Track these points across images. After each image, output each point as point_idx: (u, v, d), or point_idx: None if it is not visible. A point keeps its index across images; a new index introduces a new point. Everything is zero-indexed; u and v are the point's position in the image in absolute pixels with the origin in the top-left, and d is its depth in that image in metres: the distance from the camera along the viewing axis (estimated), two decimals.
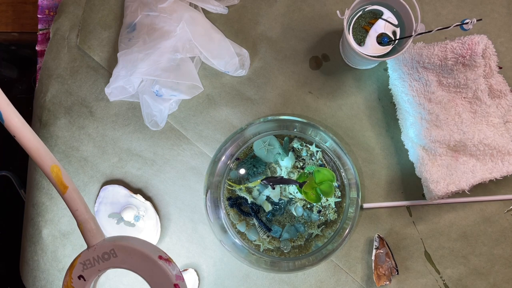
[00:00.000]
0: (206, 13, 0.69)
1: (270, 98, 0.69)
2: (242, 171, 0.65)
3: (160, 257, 0.35)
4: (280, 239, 0.64)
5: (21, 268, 0.72)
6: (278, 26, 0.69)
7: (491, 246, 0.67)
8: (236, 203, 0.65)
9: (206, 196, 0.64)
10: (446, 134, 0.63)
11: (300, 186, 0.61)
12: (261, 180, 0.62)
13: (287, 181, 0.62)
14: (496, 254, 0.67)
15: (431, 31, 0.56)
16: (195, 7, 0.68)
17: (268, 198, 0.64)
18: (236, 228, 0.65)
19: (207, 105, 0.70)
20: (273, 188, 0.63)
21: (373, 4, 0.61)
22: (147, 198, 0.70)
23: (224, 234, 0.64)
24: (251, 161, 0.65)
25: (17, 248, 0.74)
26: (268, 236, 0.64)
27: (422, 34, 0.57)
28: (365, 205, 0.67)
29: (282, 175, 0.64)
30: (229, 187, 0.65)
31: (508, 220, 0.67)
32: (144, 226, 0.68)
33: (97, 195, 0.70)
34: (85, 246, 0.36)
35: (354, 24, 0.61)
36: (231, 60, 0.66)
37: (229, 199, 0.65)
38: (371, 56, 0.59)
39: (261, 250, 0.64)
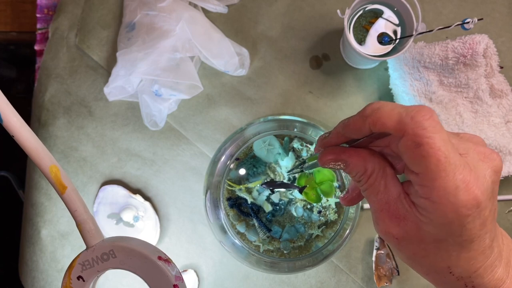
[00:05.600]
0: (205, 12, 0.69)
1: (270, 98, 0.69)
2: (242, 171, 0.64)
3: (160, 258, 0.35)
4: (280, 240, 0.64)
5: (20, 268, 0.72)
6: (278, 26, 0.69)
7: None
8: (236, 203, 0.64)
9: (205, 196, 0.64)
10: None
11: (300, 191, 0.61)
12: (261, 185, 0.62)
13: (287, 186, 0.62)
14: None
15: (432, 30, 0.56)
16: (195, 6, 0.68)
17: (268, 199, 0.64)
18: (236, 228, 0.64)
19: (207, 105, 0.69)
20: (273, 192, 0.63)
21: (373, 3, 0.60)
22: (147, 198, 0.69)
23: (223, 235, 0.64)
24: (251, 161, 0.65)
25: (16, 249, 0.73)
26: (268, 237, 0.64)
27: (423, 33, 0.57)
28: (366, 206, 0.67)
29: (284, 179, 0.63)
30: (229, 188, 0.65)
31: (509, 220, 0.67)
32: (143, 227, 0.68)
33: (96, 196, 0.69)
34: (84, 247, 0.36)
35: (354, 23, 0.61)
36: (231, 60, 0.66)
37: (228, 199, 0.65)
38: (371, 55, 0.59)
39: (261, 250, 0.64)
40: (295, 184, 0.62)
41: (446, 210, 0.27)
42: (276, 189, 0.63)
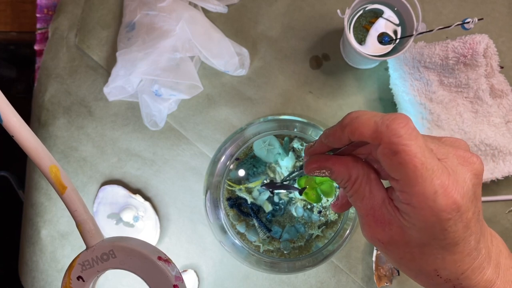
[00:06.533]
0: (205, 12, 0.69)
1: (270, 98, 0.69)
2: (242, 171, 0.64)
3: (160, 258, 0.35)
4: (280, 240, 0.64)
5: (20, 269, 0.72)
6: (278, 26, 0.69)
7: None
8: (236, 203, 0.64)
9: (205, 196, 0.64)
10: (447, 134, 0.62)
11: (300, 193, 0.61)
12: (261, 186, 0.62)
13: (287, 187, 0.62)
14: None
15: (432, 30, 0.56)
16: (195, 6, 0.68)
17: (268, 198, 0.63)
18: (236, 228, 0.64)
19: (207, 105, 0.69)
20: (273, 194, 0.63)
21: (373, 3, 0.60)
22: (147, 198, 0.69)
23: (223, 235, 0.64)
24: (251, 161, 0.65)
25: (16, 249, 0.73)
26: (268, 237, 0.64)
27: (423, 33, 0.57)
28: None
29: (287, 180, 0.63)
30: (229, 188, 0.64)
31: (510, 220, 0.67)
32: (143, 227, 0.68)
33: (96, 196, 0.69)
34: (84, 247, 0.36)
35: (354, 23, 0.61)
36: (231, 60, 0.66)
37: (228, 199, 0.65)
38: (372, 55, 0.59)
39: (261, 251, 0.64)
40: (295, 186, 0.62)
41: (427, 215, 0.28)
42: (276, 191, 0.63)
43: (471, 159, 0.30)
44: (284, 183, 0.63)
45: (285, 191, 0.63)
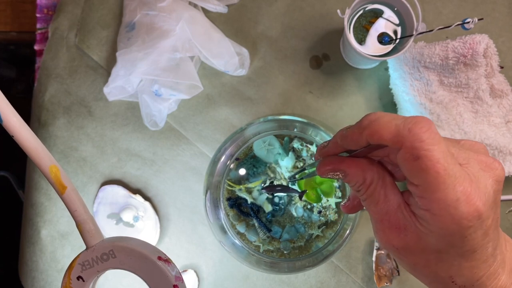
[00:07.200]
0: (205, 12, 0.69)
1: (270, 98, 0.69)
2: (242, 171, 0.64)
3: (159, 258, 0.35)
4: (280, 240, 0.64)
5: (20, 269, 0.72)
6: (278, 25, 0.69)
7: None
8: (236, 203, 0.64)
9: (205, 196, 0.64)
10: (447, 134, 0.62)
11: (300, 196, 0.61)
12: (261, 189, 0.62)
13: (287, 190, 0.62)
14: None
15: (432, 30, 0.56)
16: (195, 6, 0.68)
17: (268, 198, 0.63)
18: (235, 228, 0.64)
19: (207, 105, 0.69)
20: (273, 197, 0.63)
21: (373, 3, 0.60)
22: (147, 198, 0.69)
23: (223, 235, 0.64)
24: (251, 161, 0.65)
25: (16, 249, 0.73)
26: (268, 237, 0.64)
27: (423, 33, 0.57)
28: None
29: (288, 181, 0.63)
30: (228, 188, 0.64)
31: (510, 220, 0.67)
32: (143, 227, 0.68)
33: (96, 196, 0.69)
34: (84, 247, 0.36)
35: (354, 23, 0.61)
36: (231, 60, 0.66)
37: (228, 199, 0.65)
38: (372, 55, 0.59)
39: (261, 251, 0.64)
40: (295, 188, 0.62)
41: (447, 222, 0.27)
42: (276, 194, 0.63)
43: (493, 164, 0.30)
44: (289, 182, 0.63)
45: (285, 193, 0.63)
